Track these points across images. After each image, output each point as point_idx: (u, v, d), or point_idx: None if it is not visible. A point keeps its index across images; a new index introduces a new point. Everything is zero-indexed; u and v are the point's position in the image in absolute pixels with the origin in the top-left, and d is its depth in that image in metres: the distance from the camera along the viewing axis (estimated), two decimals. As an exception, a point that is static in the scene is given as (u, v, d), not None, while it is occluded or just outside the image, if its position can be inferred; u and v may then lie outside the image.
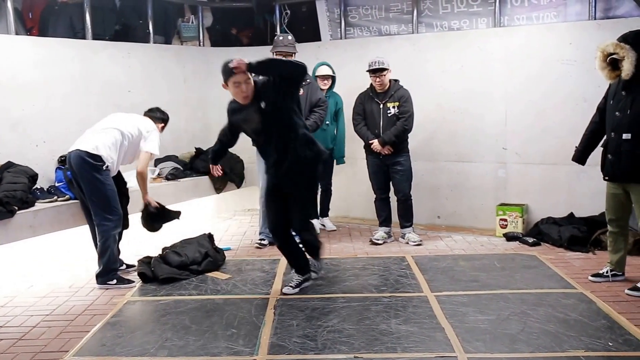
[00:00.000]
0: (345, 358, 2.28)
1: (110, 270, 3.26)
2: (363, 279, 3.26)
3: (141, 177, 3.41)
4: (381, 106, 3.97)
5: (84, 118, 4.13)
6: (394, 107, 3.95)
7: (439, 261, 3.60)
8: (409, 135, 4.08)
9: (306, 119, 4.07)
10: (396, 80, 4.03)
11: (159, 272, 3.28)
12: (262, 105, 2.73)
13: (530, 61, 4.17)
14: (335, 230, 4.51)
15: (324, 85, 4.26)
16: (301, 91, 3.96)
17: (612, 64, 2.88)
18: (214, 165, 3.41)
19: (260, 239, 4.12)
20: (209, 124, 5.26)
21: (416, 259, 3.64)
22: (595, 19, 4.00)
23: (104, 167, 3.20)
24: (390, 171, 4.04)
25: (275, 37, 4.09)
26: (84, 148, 3.19)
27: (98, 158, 3.17)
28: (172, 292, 3.14)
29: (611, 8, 3.99)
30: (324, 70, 4.30)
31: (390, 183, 4.10)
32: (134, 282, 3.30)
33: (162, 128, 3.64)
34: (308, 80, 4.03)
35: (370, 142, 3.99)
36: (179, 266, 3.36)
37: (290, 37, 4.03)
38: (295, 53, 4.00)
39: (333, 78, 4.31)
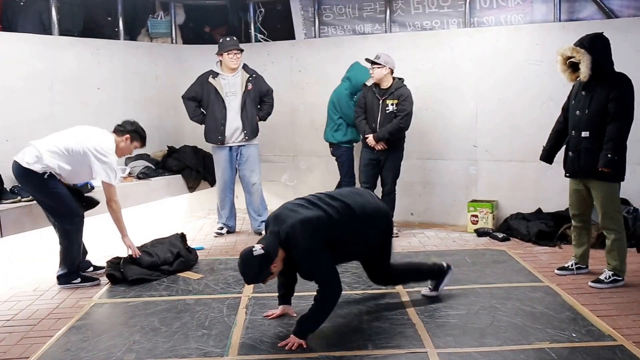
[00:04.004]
0: (316, 356, 2.28)
1: (73, 269, 3.17)
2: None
3: (111, 211, 3.16)
4: (380, 102, 4.03)
5: (48, 116, 4.00)
6: (392, 104, 4.02)
7: (412, 258, 3.64)
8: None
9: (259, 109, 4.27)
10: (400, 79, 4.09)
11: (128, 273, 3.21)
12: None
13: (500, 61, 4.26)
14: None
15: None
16: (250, 86, 4.18)
17: (572, 66, 2.98)
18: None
19: (219, 228, 4.33)
20: (181, 123, 5.17)
21: (389, 256, 3.68)
22: (560, 21, 4.12)
23: (46, 176, 3.03)
24: (382, 165, 4.13)
25: (222, 39, 4.21)
26: (21, 159, 3.03)
27: (32, 171, 3.01)
28: (141, 294, 3.07)
29: (575, 11, 4.12)
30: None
31: (380, 176, 4.18)
32: (98, 279, 3.22)
33: (129, 139, 3.22)
34: (254, 75, 4.20)
35: (365, 136, 4.06)
36: (150, 267, 3.30)
37: (235, 39, 4.22)
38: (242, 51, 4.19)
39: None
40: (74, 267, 3.17)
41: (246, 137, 4.18)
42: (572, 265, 3.24)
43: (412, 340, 2.41)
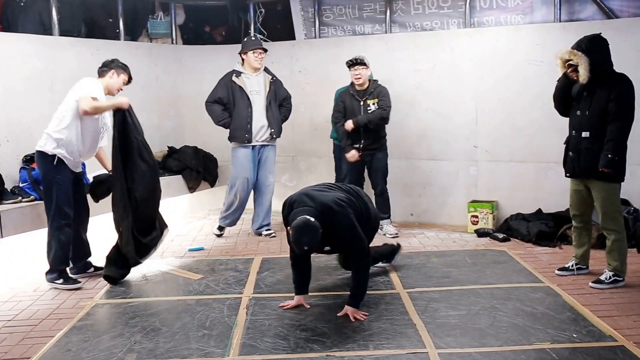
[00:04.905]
0: (317, 357, 2.28)
1: (56, 269, 3.17)
2: (336, 277, 3.27)
3: (95, 110, 3.03)
4: (362, 103, 4.05)
5: (48, 116, 3.99)
6: (374, 103, 4.05)
7: (412, 258, 3.64)
8: (387, 132, 4.20)
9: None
10: (375, 80, 4.13)
11: (121, 264, 3.19)
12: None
13: (500, 61, 4.26)
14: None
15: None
16: (272, 87, 4.18)
17: (573, 69, 2.97)
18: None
19: (219, 227, 4.32)
20: (181, 123, 5.18)
21: (390, 256, 3.68)
22: (560, 21, 4.12)
23: (55, 162, 3.09)
24: (368, 167, 4.14)
25: (247, 38, 4.25)
26: (37, 145, 3.15)
27: (44, 154, 3.10)
28: (142, 294, 3.07)
29: (575, 11, 4.13)
30: None
31: (367, 178, 4.19)
32: (80, 282, 3.20)
33: (114, 73, 3.21)
34: (275, 78, 4.22)
35: (347, 150, 4.06)
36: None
37: (259, 38, 4.25)
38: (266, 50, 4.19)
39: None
40: (55, 267, 3.17)
41: (273, 136, 4.18)
42: (572, 266, 3.24)
43: (413, 341, 2.41)
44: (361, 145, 4.06)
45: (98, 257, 3.56)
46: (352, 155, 4.04)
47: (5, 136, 3.78)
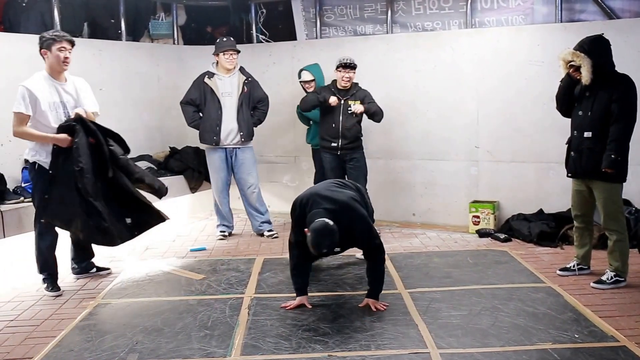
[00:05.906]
0: (319, 357, 2.28)
1: (40, 272, 3.14)
2: (338, 277, 3.27)
3: (22, 137, 2.94)
4: (342, 102, 4.04)
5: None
6: (354, 104, 4.04)
7: (414, 258, 3.64)
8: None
9: (251, 115, 4.24)
10: (356, 83, 4.13)
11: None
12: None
13: (501, 62, 4.27)
14: None
15: (310, 88, 4.36)
16: (245, 89, 4.15)
17: (575, 69, 2.98)
18: None
19: (222, 231, 4.31)
20: (183, 123, 5.14)
21: (391, 256, 3.68)
22: (561, 21, 4.12)
23: (36, 167, 3.04)
24: (347, 167, 4.13)
25: (219, 39, 4.20)
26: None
27: (27, 161, 3.10)
28: (144, 294, 3.08)
29: (576, 12, 4.13)
30: (305, 76, 4.40)
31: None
32: (60, 291, 3.11)
33: (47, 52, 3.02)
34: (250, 79, 4.19)
35: (327, 101, 3.98)
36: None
37: (232, 39, 4.22)
38: (238, 52, 4.18)
39: (315, 80, 4.39)
40: (40, 270, 3.13)
41: (242, 139, 4.17)
42: (574, 266, 3.25)
43: (415, 341, 2.41)
44: (339, 145, 4.05)
45: (100, 257, 3.57)
46: (334, 100, 3.99)
47: (7, 136, 3.78)
